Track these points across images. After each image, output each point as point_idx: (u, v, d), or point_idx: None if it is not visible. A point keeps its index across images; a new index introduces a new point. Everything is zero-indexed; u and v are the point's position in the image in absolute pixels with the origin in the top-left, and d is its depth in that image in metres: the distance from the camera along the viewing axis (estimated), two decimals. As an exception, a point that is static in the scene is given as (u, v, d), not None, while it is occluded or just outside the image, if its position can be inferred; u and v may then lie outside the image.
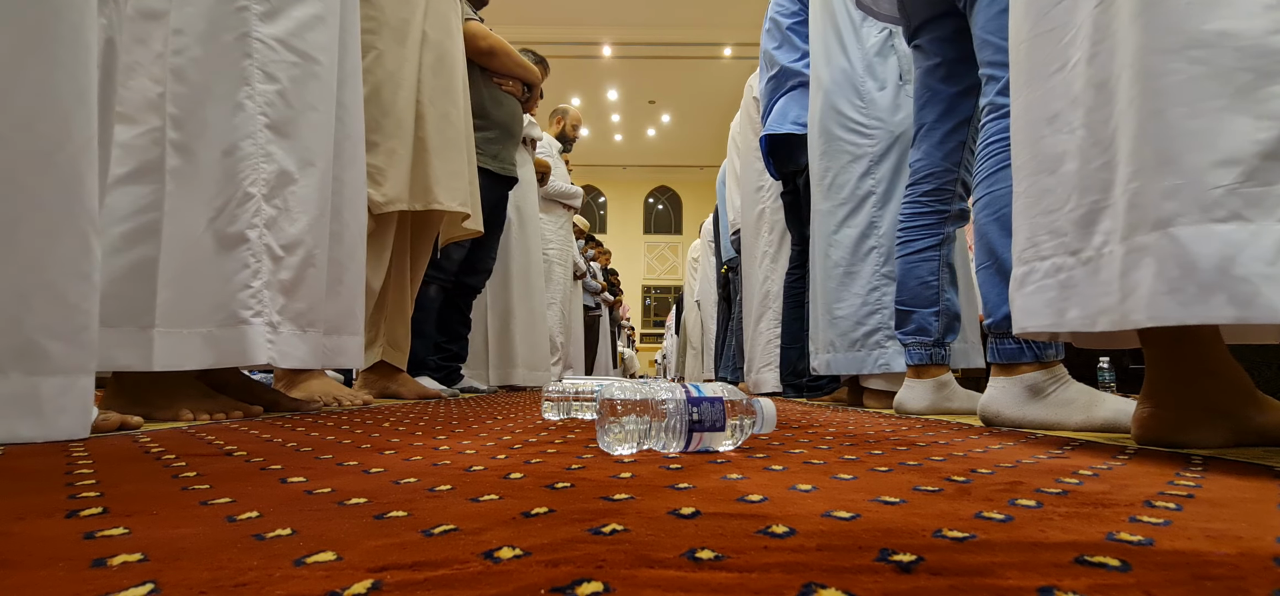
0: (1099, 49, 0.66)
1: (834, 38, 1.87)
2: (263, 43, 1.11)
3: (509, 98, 2.39)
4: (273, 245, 1.10)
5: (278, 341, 1.10)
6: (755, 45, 2.62)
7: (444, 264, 2.20)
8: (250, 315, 1.06)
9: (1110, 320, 0.63)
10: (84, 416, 0.70)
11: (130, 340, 0.95)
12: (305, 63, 1.17)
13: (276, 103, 1.12)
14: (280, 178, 1.11)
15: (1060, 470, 0.51)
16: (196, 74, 1.03)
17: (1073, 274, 0.69)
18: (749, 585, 0.23)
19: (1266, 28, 0.52)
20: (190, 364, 1.00)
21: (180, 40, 1.02)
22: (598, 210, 13.62)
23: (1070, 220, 0.69)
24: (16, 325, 0.64)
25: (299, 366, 1.17)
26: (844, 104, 1.83)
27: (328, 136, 1.22)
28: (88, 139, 0.70)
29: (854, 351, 1.74)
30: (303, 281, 1.15)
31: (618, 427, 0.58)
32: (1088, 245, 0.67)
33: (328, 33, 1.23)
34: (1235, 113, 0.53)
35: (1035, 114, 0.76)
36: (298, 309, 1.14)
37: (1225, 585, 0.23)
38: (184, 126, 1.01)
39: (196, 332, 1.01)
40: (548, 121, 3.85)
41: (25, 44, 0.65)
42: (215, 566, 0.25)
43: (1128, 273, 0.60)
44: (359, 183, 1.37)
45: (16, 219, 0.64)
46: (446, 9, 1.89)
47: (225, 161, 1.06)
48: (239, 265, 1.06)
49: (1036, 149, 0.76)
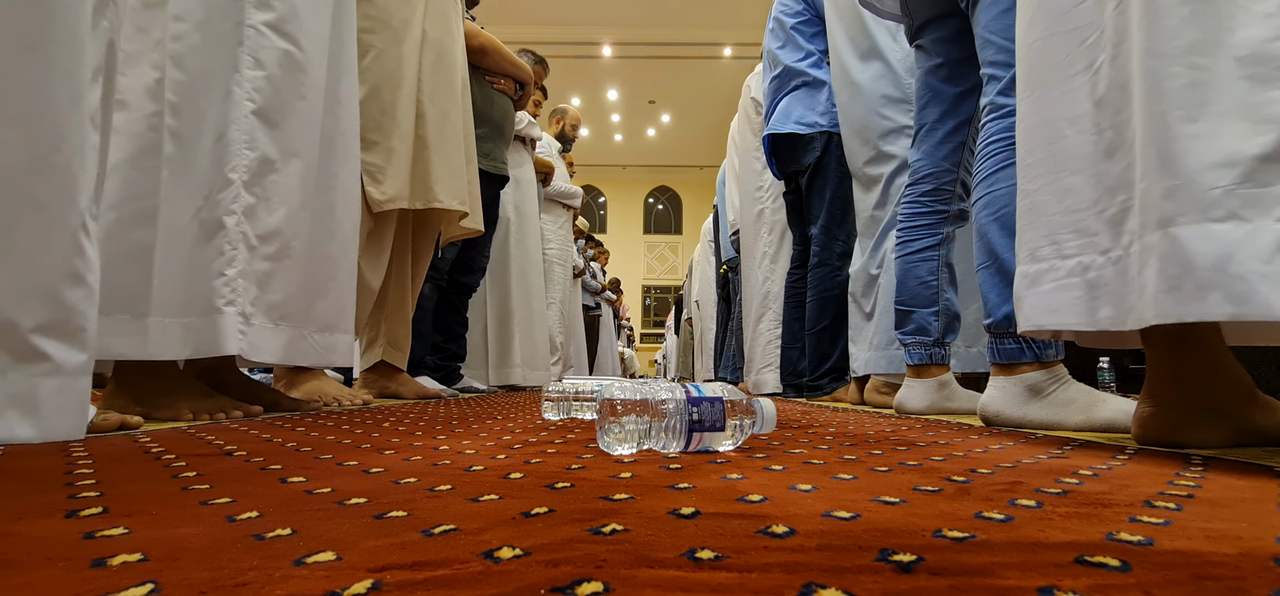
0: (1119, 51, 0.67)
1: (866, 37, 1.86)
2: (254, 29, 1.10)
3: (501, 96, 2.40)
4: (248, 234, 1.08)
5: (249, 333, 1.07)
6: (755, 45, 2.62)
7: (438, 263, 2.21)
8: (223, 304, 1.04)
9: (1136, 319, 0.63)
10: (81, 417, 0.70)
11: (124, 328, 0.95)
12: (294, 50, 1.16)
13: (264, 88, 1.11)
14: (262, 165, 1.10)
15: (1060, 470, 0.51)
16: (194, 61, 1.03)
17: (1102, 273, 0.69)
18: (749, 585, 0.23)
19: (1265, 35, 0.53)
20: (172, 353, 0.99)
21: (179, 27, 1.02)
22: (598, 210, 13.61)
23: (1102, 220, 0.69)
24: (13, 326, 0.64)
25: (270, 361, 1.15)
26: (889, 108, 1.81)
27: (314, 128, 1.21)
28: (83, 140, 0.70)
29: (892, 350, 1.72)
30: (277, 273, 1.12)
31: (618, 427, 0.58)
32: (1117, 244, 0.67)
33: (319, 22, 1.22)
34: (1234, 117, 0.54)
35: (1054, 113, 0.76)
36: (271, 301, 1.12)
37: (1225, 585, 0.23)
38: (180, 113, 1.01)
39: (179, 322, 1.00)
40: (547, 121, 3.85)
41: (20, 46, 0.65)
42: (215, 566, 0.25)
43: (1140, 271, 0.61)
44: (352, 179, 1.36)
45: (13, 220, 0.64)
46: (446, 7, 1.89)
47: (216, 149, 1.05)
48: (215, 252, 1.04)
49: (1056, 148, 0.75)
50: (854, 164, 1.93)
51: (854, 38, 1.90)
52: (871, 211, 1.86)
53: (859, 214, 1.93)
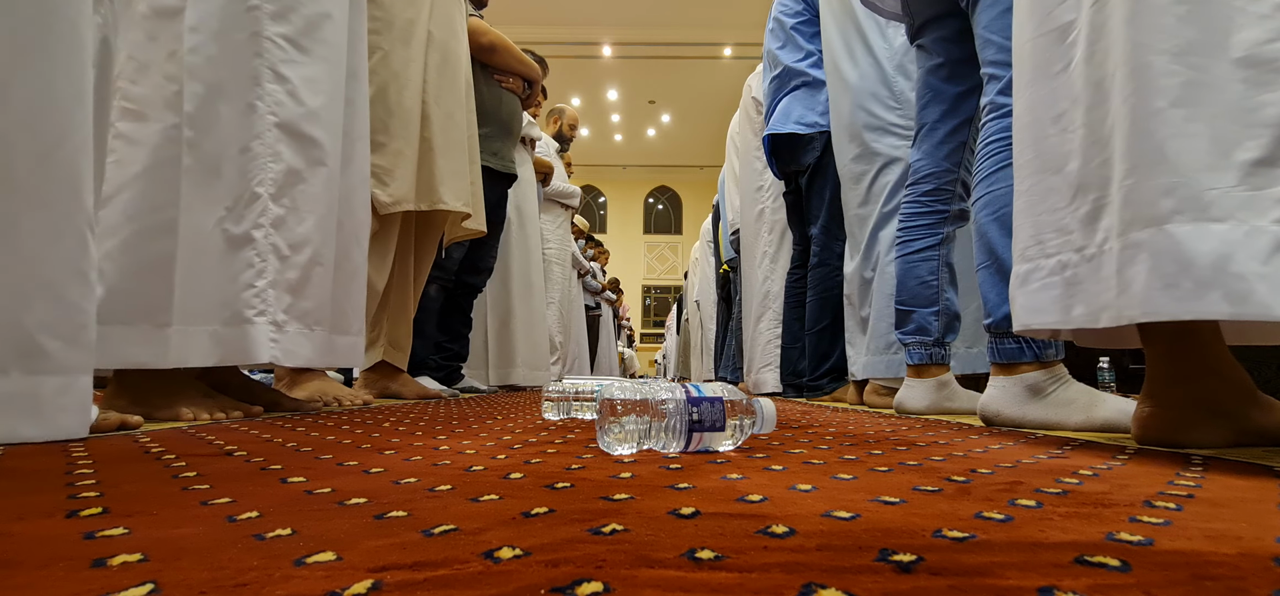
0: (1095, 48, 0.67)
1: (856, 35, 1.85)
2: (273, 42, 1.11)
3: (509, 95, 2.39)
4: (279, 245, 1.10)
5: (282, 340, 1.10)
6: (755, 45, 2.62)
7: (445, 263, 2.20)
8: (253, 314, 1.07)
9: (1110, 316, 0.63)
10: (83, 416, 0.71)
11: (144, 337, 0.96)
12: (315, 62, 1.17)
13: (286, 103, 1.12)
14: (289, 177, 1.12)
15: (1060, 470, 0.51)
16: (210, 72, 1.03)
17: (1077, 270, 0.70)
18: (749, 585, 0.23)
19: (1261, 36, 0.53)
20: (197, 361, 1.00)
21: (195, 38, 1.02)
22: (598, 210, 13.62)
23: (1077, 218, 0.70)
24: (16, 324, 0.64)
25: (305, 365, 1.17)
26: (876, 105, 1.81)
27: (337, 136, 1.23)
28: (85, 138, 0.70)
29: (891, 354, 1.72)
30: (309, 280, 1.15)
31: (618, 427, 0.58)
32: (1091, 242, 0.68)
33: (337, 31, 1.23)
34: (1232, 118, 0.54)
35: (1040, 113, 0.77)
36: (304, 307, 1.14)
37: (1225, 585, 0.23)
38: (197, 124, 1.02)
39: (204, 330, 1.02)
40: (545, 121, 3.85)
41: (23, 43, 0.65)
42: (215, 566, 0.25)
43: (1123, 268, 0.61)
44: (361, 181, 1.37)
45: (16, 217, 0.64)
46: (451, 8, 1.89)
47: (237, 160, 1.06)
48: (244, 265, 1.06)
49: (1041, 148, 0.76)
50: (841, 160, 1.93)
51: (845, 35, 1.90)
52: (856, 209, 1.86)
53: (846, 211, 1.92)
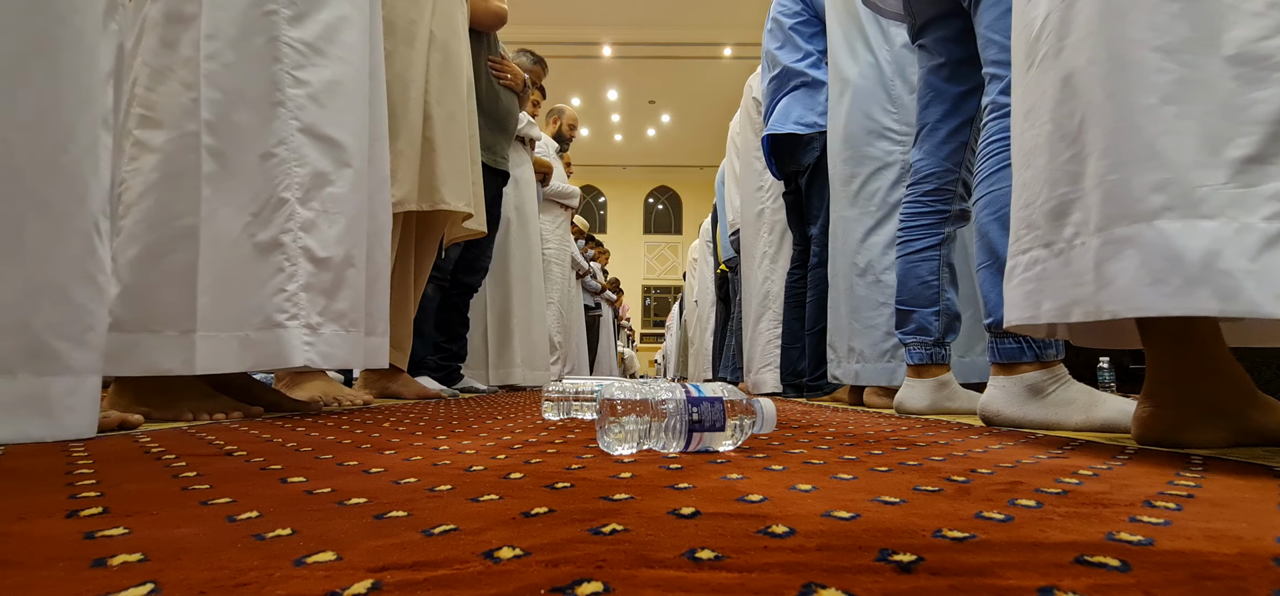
0: (1063, 43, 0.67)
1: (857, 35, 1.85)
2: (292, 46, 1.11)
3: (506, 92, 2.39)
4: (312, 247, 1.10)
5: (317, 343, 1.10)
6: (755, 45, 2.62)
7: (441, 263, 2.20)
8: (286, 319, 1.06)
9: (1084, 311, 0.63)
10: (92, 415, 0.71)
11: (172, 345, 0.96)
12: (335, 65, 1.17)
13: (308, 106, 1.12)
14: (316, 180, 1.12)
15: (1060, 470, 0.51)
16: (229, 79, 1.03)
17: (1047, 266, 0.70)
18: (749, 585, 0.23)
19: (1253, 34, 0.53)
20: (227, 367, 1.01)
21: (212, 45, 1.02)
22: (598, 210, 13.62)
23: (1043, 212, 0.70)
24: (24, 326, 0.65)
25: (344, 366, 1.17)
26: (874, 108, 1.80)
27: (362, 136, 1.23)
28: (93, 141, 0.70)
29: (884, 362, 1.72)
30: (344, 282, 1.15)
31: (618, 427, 0.58)
32: (1059, 237, 0.68)
33: (357, 34, 1.23)
34: (1223, 115, 0.54)
35: (1017, 109, 0.78)
36: (340, 309, 1.14)
37: (1225, 585, 0.23)
38: (217, 131, 1.02)
39: (234, 336, 1.02)
40: (544, 121, 3.85)
41: (29, 48, 0.65)
42: (215, 566, 0.25)
43: (1103, 264, 0.61)
44: (382, 181, 1.37)
45: (23, 220, 0.65)
46: (453, 8, 1.89)
47: (259, 166, 1.06)
48: (274, 269, 1.06)
49: (1019, 144, 0.77)
50: (833, 162, 1.93)
51: (847, 34, 1.90)
52: (841, 212, 1.85)
53: (832, 212, 1.91)
